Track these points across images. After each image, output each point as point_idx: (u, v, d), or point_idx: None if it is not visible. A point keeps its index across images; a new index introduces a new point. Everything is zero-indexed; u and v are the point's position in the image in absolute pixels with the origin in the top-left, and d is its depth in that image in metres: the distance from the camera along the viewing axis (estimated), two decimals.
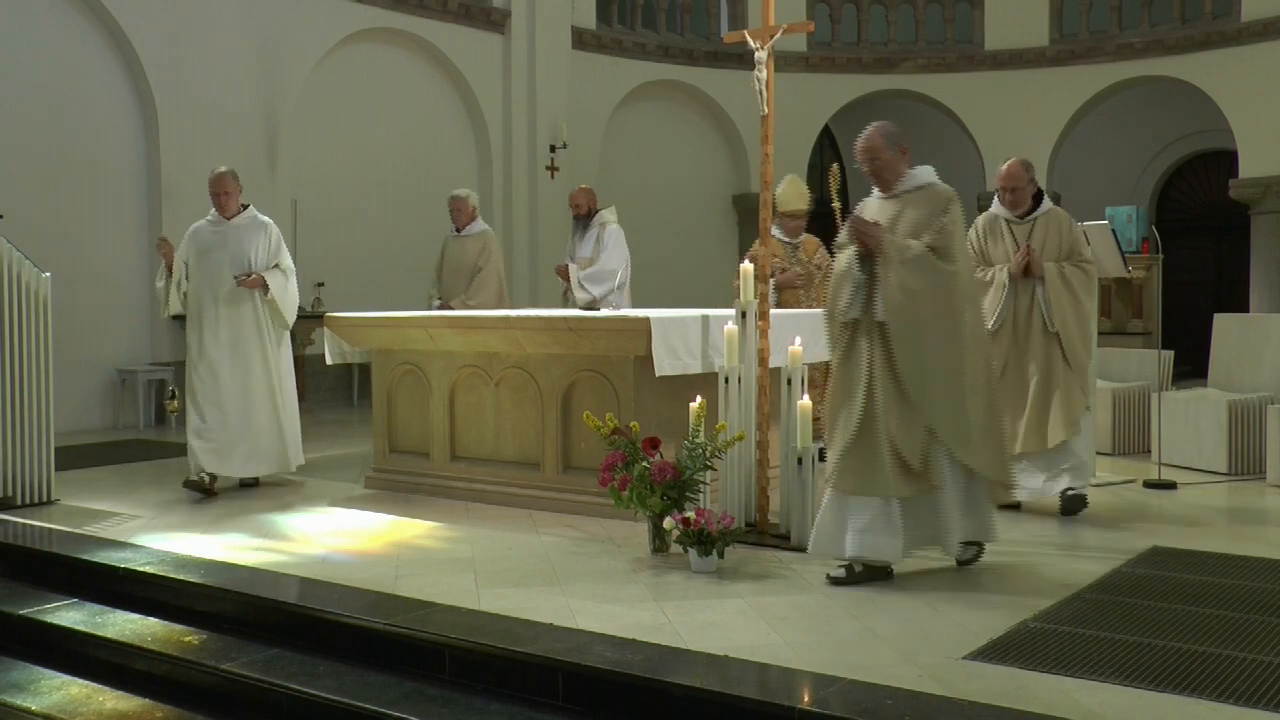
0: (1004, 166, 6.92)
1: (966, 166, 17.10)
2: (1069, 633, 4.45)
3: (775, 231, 8.51)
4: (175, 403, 9.48)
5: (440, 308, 9.40)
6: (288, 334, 7.94)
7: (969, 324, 5.24)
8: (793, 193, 8.82)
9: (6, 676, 5.12)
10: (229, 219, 7.73)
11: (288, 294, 7.77)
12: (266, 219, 7.90)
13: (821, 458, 5.73)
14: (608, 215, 9.71)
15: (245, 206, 7.82)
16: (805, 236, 8.89)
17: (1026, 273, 6.64)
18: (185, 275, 7.69)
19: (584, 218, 9.72)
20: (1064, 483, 6.64)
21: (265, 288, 7.65)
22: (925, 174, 5.45)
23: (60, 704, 4.80)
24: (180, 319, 8.08)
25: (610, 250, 9.41)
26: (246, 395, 7.62)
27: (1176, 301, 15.14)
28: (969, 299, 5.31)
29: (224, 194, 7.71)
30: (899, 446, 5.06)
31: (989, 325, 6.34)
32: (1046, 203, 6.93)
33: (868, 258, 5.19)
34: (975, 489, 5.27)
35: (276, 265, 7.74)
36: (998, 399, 5.55)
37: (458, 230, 9.72)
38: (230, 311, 7.62)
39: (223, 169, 7.79)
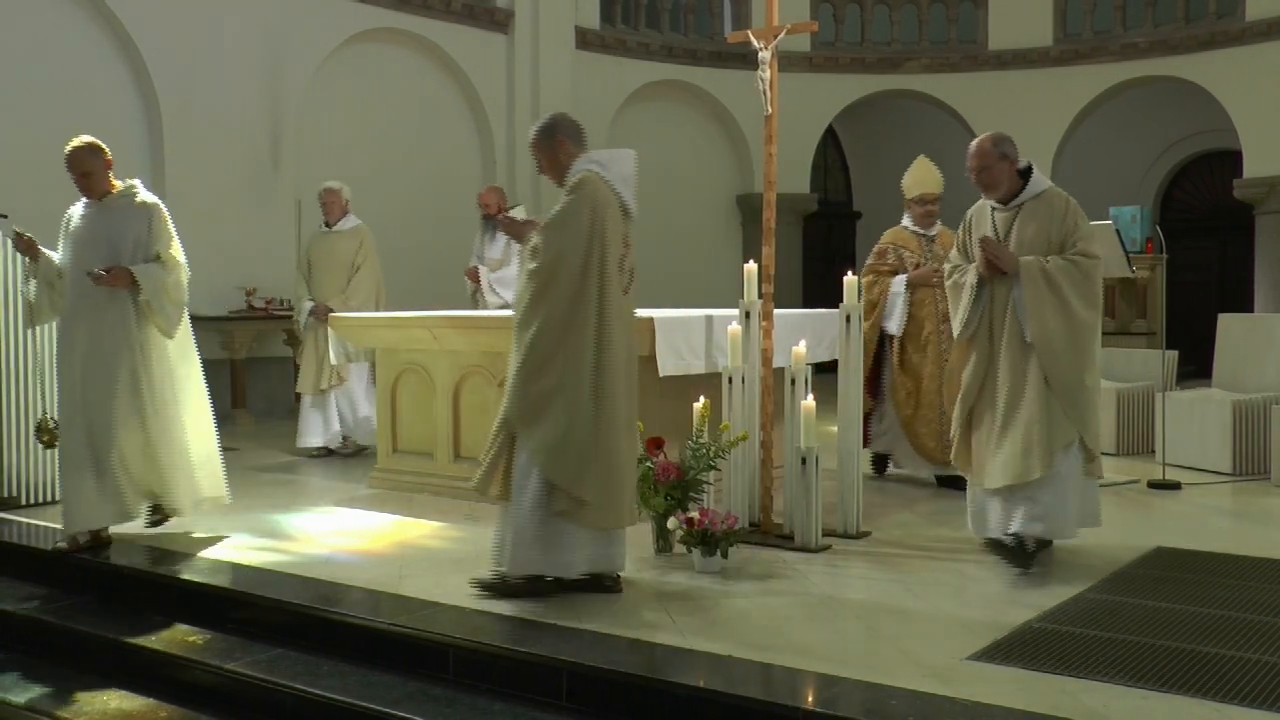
0: (970, 145, 5.69)
1: None
2: (1073, 633, 4.45)
3: (906, 221, 7.75)
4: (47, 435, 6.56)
5: (315, 310, 9.09)
6: (190, 344, 6.38)
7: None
8: (923, 174, 7.61)
9: (8, 675, 5.12)
10: (100, 200, 6.22)
11: (165, 293, 6.07)
12: (150, 198, 6.26)
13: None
14: (518, 215, 9.13)
15: (130, 185, 6.28)
16: (941, 228, 7.68)
17: (998, 270, 5.48)
18: (58, 272, 6.26)
19: (494, 218, 9.30)
20: (1015, 525, 5.42)
21: (134, 285, 6.04)
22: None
23: (64, 702, 4.79)
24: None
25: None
26: (103, 420, 6.01)
27: (1181, 302, 15.11)
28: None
29: (82, 174, 6.18)
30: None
31: (956, 332, 5.72)
32: (1036, 183, 5.62)
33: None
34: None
35: (156, 256, 6.12)
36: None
37: (329, 225, 9.30)
38: (92, 316, 6.07)
39: (79, 141, 6.22)
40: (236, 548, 6.05)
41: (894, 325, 7.53)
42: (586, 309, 4.86)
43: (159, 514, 6.34)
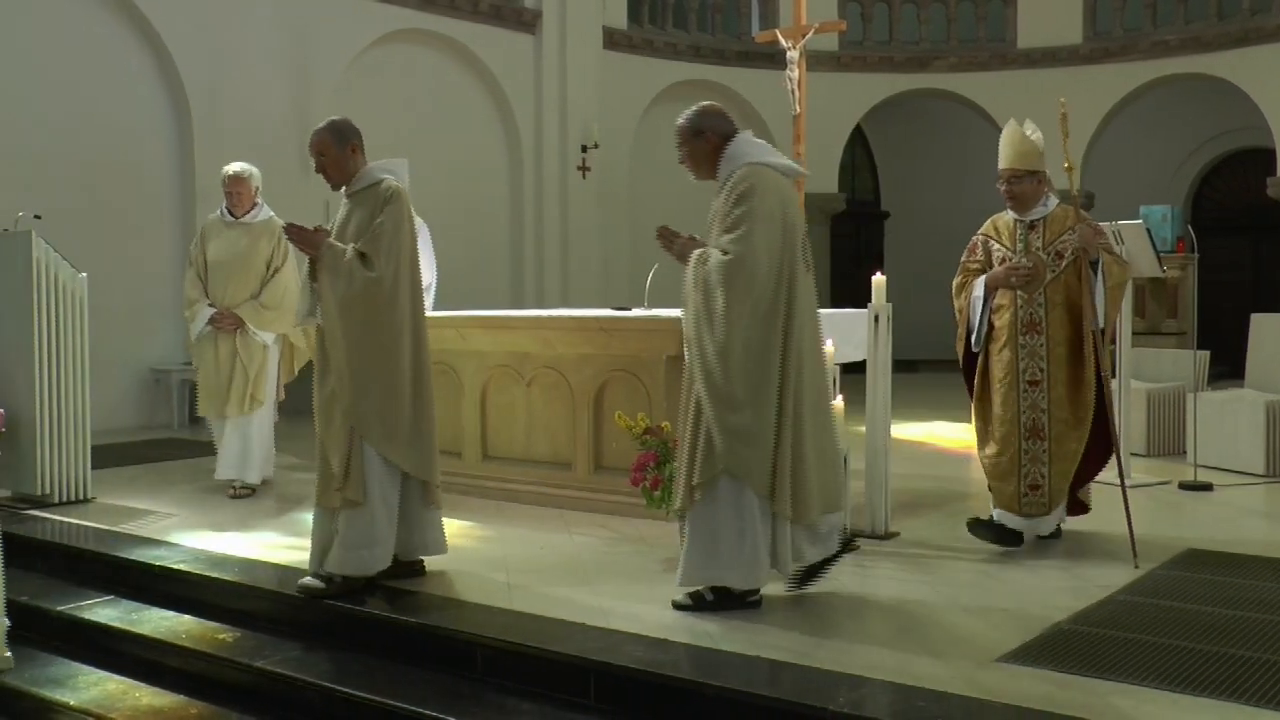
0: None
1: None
2: (1103, 635, 4.42)
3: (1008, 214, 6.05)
4: None
5: (217, 316, 7.49)
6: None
7: None
8: (1003, 143, 5.95)
9: (45, 672, 5.18)
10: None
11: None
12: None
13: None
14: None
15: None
16: (1060, 208, 5.91)
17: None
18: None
19: None
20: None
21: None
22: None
23: (97, 699, 4.85)
24: None
25: (424, 253, 7.73)
26: None
27: (1212, 301, 14.94)
28: None
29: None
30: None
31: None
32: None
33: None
34: None
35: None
36: None
37: (234, 216, 7.67)
38: None
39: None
40: (266, 545, 6.09)
41: (973, 337, 6.01)
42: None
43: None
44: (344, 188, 5.27)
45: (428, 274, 7.62)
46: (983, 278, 5.94)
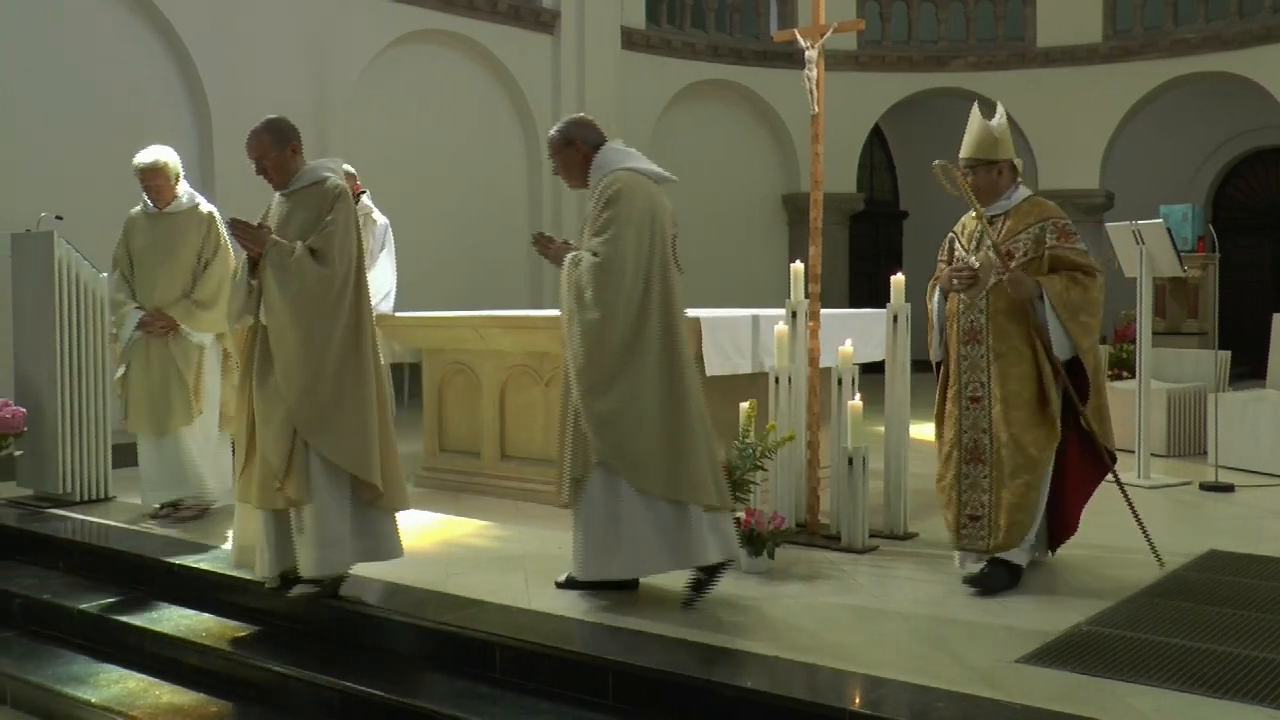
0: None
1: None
2: (1124, 636, 4.40)
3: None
4: None
5: (146, 319, 6.73)
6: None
7: None
8: (967, 131, 5.55)
9: (67, 669, 5.21)
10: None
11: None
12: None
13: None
14: (367, 203, 7.92)
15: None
16: (1027, 203, 5.32)
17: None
18: None
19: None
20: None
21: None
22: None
23: (119, 697, 4.88)
24: None
25: (386, 253, 7.70)
26: None
27: (1234, 301, 14.90)
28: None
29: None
30: None
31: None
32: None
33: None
34: None
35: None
36: None
37: (156, 207, 6.88)
38: None
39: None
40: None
41: (933, 347, 5.54)
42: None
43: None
44: (284, 188, 5.18)
45: (390, 277, 7.39)
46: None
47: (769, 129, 16.72)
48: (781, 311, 6.32)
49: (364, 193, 7.90)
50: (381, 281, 7.88)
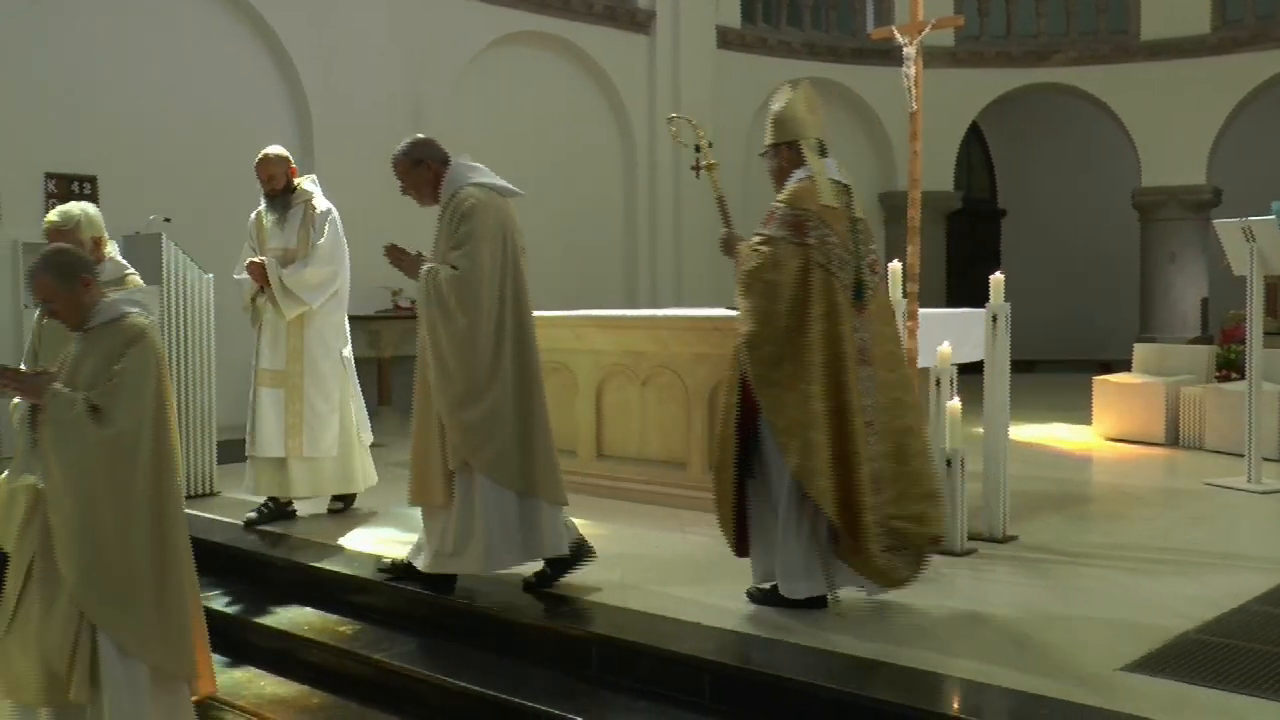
0: None
1: (1120, 164, 16.58)
2: (1234, 646, 4.28)
3: None
4: None
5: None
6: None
7: None
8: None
9: None
10: None
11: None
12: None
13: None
14: (309, 188, 6.99)
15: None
16: (798, 185, 4.92)
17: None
18: None
19: (281, 194, 6.83)
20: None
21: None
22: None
23: (224, 687, 4.98)
24: None
25: (329, 243, 6.78)
26: None
27: None
28: None
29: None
30: None
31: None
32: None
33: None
34: None
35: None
36: None
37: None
38: None
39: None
40: (384, 540, 6.20)
41: None
42: None
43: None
44: (82, 328, 4.08)
45: (325, 270, 6.78)
46: None
47: (865, 127, 16.56)
48: None
49: (307, 178, 7.18)
50: (321, 278, 6.88)
